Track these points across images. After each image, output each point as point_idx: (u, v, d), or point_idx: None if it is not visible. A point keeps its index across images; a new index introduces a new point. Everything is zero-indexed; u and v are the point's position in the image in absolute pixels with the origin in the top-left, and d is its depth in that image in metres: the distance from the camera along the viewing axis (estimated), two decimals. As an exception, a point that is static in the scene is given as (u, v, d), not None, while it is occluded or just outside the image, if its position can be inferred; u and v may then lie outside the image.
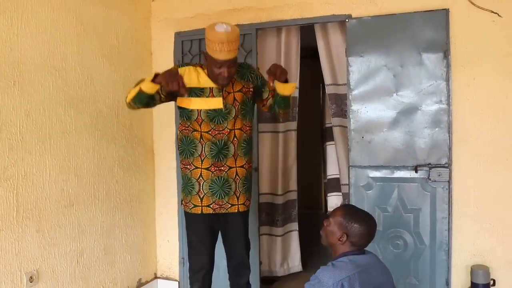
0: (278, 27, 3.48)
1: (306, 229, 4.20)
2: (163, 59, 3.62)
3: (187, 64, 2.57)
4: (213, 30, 2.30)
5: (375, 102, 3.05)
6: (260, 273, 3.45)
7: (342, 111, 3.73)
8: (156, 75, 2.32)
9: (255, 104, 2.70)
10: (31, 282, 2.53)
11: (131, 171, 3.40)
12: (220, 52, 2.29)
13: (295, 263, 4.01)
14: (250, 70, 2.61)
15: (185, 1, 3.56)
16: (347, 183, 3.78)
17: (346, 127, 3.68)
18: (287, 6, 3.27)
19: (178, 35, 3.58)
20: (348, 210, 2.03)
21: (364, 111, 3.07)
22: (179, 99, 2.49)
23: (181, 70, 2.43)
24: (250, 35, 3.37)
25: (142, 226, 3.53)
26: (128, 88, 3.33)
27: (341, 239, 1.94)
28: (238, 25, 3.30)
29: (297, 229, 4.02)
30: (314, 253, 4.30)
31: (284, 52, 3.70)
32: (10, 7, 2.43)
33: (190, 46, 3.56)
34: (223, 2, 3.41)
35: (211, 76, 2.45)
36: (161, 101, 2.47)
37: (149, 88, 2.32)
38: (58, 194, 2.73)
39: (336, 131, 3.80)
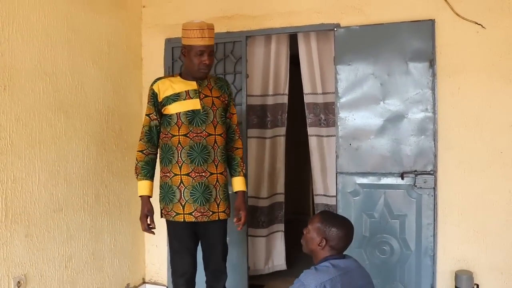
0: (267, 35, 3.53)
1: (292, 232, 4.23)
2: (154, 65, 3.65)
3: (158, 79, 2.66)
4: (191, 22, 2.51)
5: (363, 110, 3.10)
6: (248, 279, 3.47)
7: (321, 121, 3.76)
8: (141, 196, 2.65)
9: None
10: (18, 287, 2.51)
11: (120, 176, 3.40)
12: (202, 39, 2.46)
13: (279, 261, 4.05)
14: (227, 85, 2.74)
15: (175, 8, 3.59)
16: (321, 193, 3.83)
17: (323, 136, 3.75)
18: (277, 15, 3.32)
19: (168, 41, 3.60)
20: (325, 215, 2.10)
21: (352, 118, 3.12)
22: (163, 109, 2.59)
23: (155, 88, 2.60)
24: (240, 42, 3.42)
25: (131, 231, 3.54)
26: (118, 94, 3.38)
27: (320, 244, 2.00)
28: (228, 33, 3.39)
29: (283, 230, 4.07)
30: (300, 255, 4.32)
31: (274, 59, 3.75)
32: (1, 12, 2.43)
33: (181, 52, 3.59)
34: (213, 9, 3.45)
35: (192, 69, 2.55)
36: (160, 125, 2.62)
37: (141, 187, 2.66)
38: (47, 198, 2.73)
39: (312, 141, 3.81)
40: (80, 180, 3.00)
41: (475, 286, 2.86)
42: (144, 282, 3.72)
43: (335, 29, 3.14)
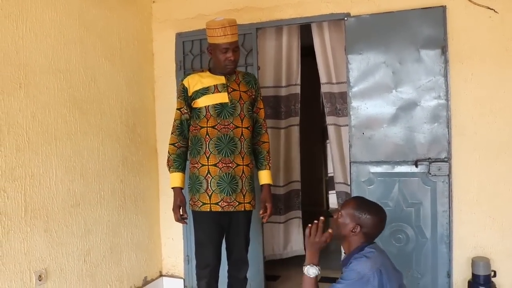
0: (278, 26, 3.53)
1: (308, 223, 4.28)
2: (165, 60, 3.67)
3: (188, 74, 2.74)
4: (213, 21, 2.55)
5: (375, 98, 3.09)
6: (264, 269, 3.50)
7: (336, 110, 3.78)
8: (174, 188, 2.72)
9: None
10: (40, 280, 2.57)
11: (135, 170, 3.44)
12: (224, 37, 2.51)
13: (297, 246, 4.10)
14: (255, 81, 2.79)
15: (185, 2, 3.60)
16: (341, 181, 3.87)
17: (340, 125, 3.76)
18: (286, 6, 3.31)
19: (179, 35, 3.62)
20: (360, 201, 2.07)
21: (364, 107, 3.12)
22: (193, 103, 2.65)
23: (185, 83, 2.66)
24: (251, 34, 3.42)
25: (147, 225, 3.58)
26: (131, 89, 3.41)
27: (354, 231, 1.97)
28: (238, 25, 3.37)
29: (301, 216, 4.13)
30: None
31: (286, 50, 3.76)
32: (15, 11, 2.47)
33: (191, 46, 3.61)
34: (223, 2, 3.45)
35: (219, 65, 2.61)
36: (190, 117, 2.69)
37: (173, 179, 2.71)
38: (64, 194, 2.78)
39: (331, 130, 3.86)
40: (96, 175, 3.04)
41: (492, 273, 2.84)
42: (161, 275, 3.76)
43: (346, 18, 3.13)
